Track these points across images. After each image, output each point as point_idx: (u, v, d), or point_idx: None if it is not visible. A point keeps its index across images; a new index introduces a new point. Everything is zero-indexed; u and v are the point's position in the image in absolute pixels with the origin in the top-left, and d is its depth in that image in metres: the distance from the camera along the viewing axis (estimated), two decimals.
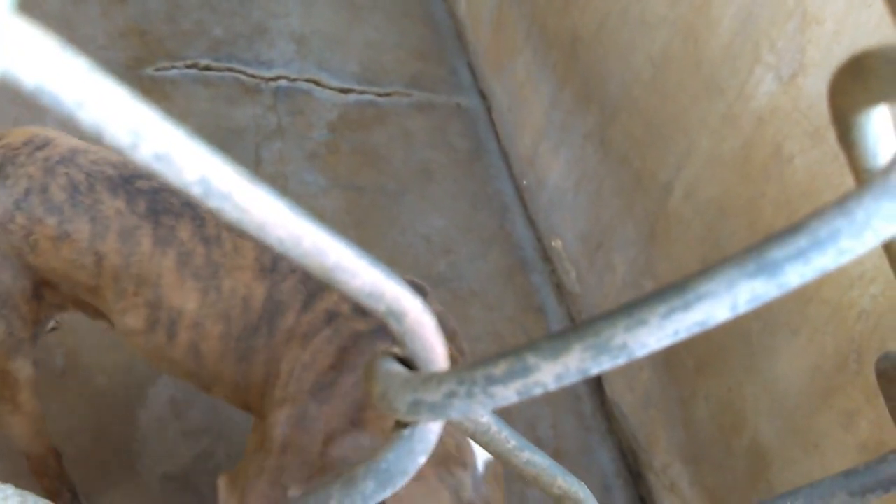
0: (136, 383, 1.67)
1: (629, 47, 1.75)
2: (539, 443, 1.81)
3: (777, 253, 0.14)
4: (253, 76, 2.39)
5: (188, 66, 2.35)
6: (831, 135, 1.23)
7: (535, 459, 0.25)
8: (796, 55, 1.29)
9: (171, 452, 1.59)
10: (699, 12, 1.52)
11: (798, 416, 1.32)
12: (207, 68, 2.36)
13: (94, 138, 0.13)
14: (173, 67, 2.33)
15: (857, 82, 0.17)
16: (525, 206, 2.28)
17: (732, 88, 1.44)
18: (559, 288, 2.11)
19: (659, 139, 1.66)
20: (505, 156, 2.41)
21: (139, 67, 2.29)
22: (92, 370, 1.66)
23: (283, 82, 2.41)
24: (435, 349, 0.18)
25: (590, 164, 1.95)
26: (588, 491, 0.26)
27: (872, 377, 1.19)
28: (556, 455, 1.80)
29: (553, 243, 2.14)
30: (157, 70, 2.31)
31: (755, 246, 0.14)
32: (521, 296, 2.08)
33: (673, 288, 0.15)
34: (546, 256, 2.17)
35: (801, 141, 1.29)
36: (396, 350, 0.19)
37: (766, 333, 1.38)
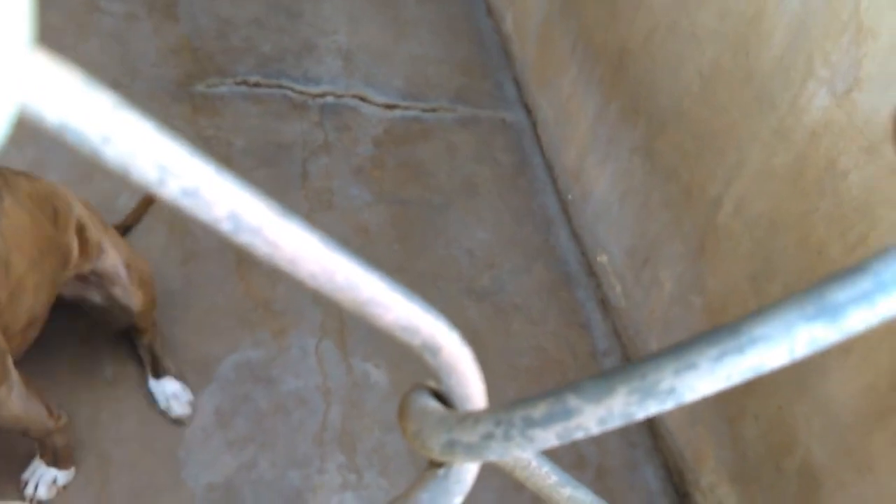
0: None
1: (678, 60, 1.73)
2: (582, 460, 1.78)
3: (839, 295, 0.13)
4: (301, 92, 2.42)
5: (238, 83, 2.39)
6: (888, 150, 1.19)
7: (577, 496, 0.24)
8: (851, 69, 1.25)
9: (216, 461, 1.61)
10: (750, 25, 1.49)
11: (851, 437, 1.28)
12: (257, 84, 2.40)
13: (121, 174, 0.12)
14: (223, 84, 2.37)
15: None
16: (570, 221, 2.26)
17: (784, 102, 1.41)
18: (604, 303, 2.08)
19: (708, 152, 1.63)
20: (549, 170, 2.39)
21: (190, 84, 2.33)
22: (139, 380, 1.69)
23: (329, 98, 2.43)
24: (472, 385, 0.18)
25: (636, 178, 1.92)
26: None
27: None
28: (600, 472, 1.77)
29: (598, 258, 2.11)
30: (208, 86, 2.35)
31: (815, 287, 0.13)
32: (565, 311, 2.06)
33: (725, 330, 0.14)
34: (591, 271, 2.15)
35: (857, 156, 1.25)
36: (432, 384, 0.19)
37: (817, 352, 1.34)
